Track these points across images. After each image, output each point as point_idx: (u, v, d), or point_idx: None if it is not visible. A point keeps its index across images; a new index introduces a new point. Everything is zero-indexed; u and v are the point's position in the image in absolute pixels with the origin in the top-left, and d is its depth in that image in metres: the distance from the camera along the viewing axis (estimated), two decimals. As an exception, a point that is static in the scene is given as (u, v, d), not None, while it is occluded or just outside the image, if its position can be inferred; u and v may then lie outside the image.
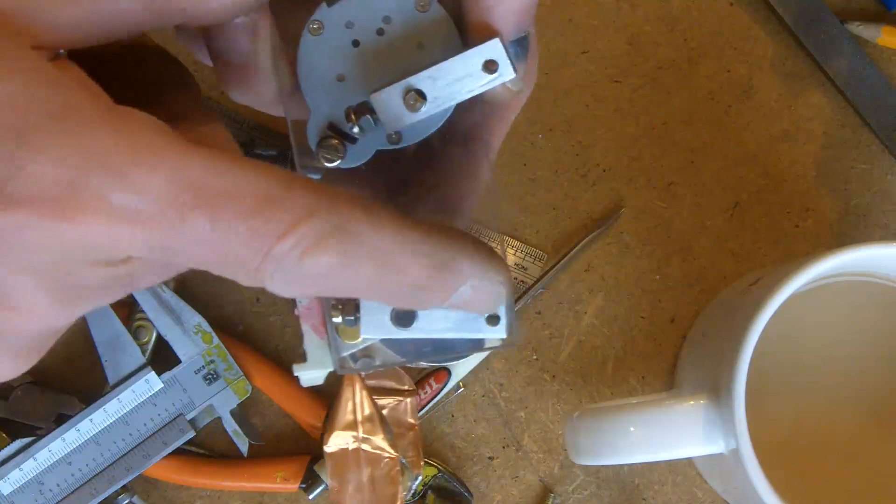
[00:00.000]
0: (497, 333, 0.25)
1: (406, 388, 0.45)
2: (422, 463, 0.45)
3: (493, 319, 0.25)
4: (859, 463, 0.42)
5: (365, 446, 0.43)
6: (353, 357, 0.27)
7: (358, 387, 0.43)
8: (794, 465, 0.40)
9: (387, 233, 0.21)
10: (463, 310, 0.23)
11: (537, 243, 0.47)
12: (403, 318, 0.25)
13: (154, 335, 0.44)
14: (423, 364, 0.45)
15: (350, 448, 0.43)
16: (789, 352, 0.42)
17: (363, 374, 0.43)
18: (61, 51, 0.20)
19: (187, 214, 0.19)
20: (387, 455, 0.43)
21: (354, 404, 0.43)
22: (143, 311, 0.44)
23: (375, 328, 0.25)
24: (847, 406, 0.43)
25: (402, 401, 0.45)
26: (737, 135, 0.48)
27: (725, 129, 0.48)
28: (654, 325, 0.47)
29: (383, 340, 0.26)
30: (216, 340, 0.45)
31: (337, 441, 0.43)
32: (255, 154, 0.45)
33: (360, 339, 0.26)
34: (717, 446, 0.36)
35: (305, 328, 0.42)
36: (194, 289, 0.46)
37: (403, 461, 0.43)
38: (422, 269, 0.21)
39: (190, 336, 0.44)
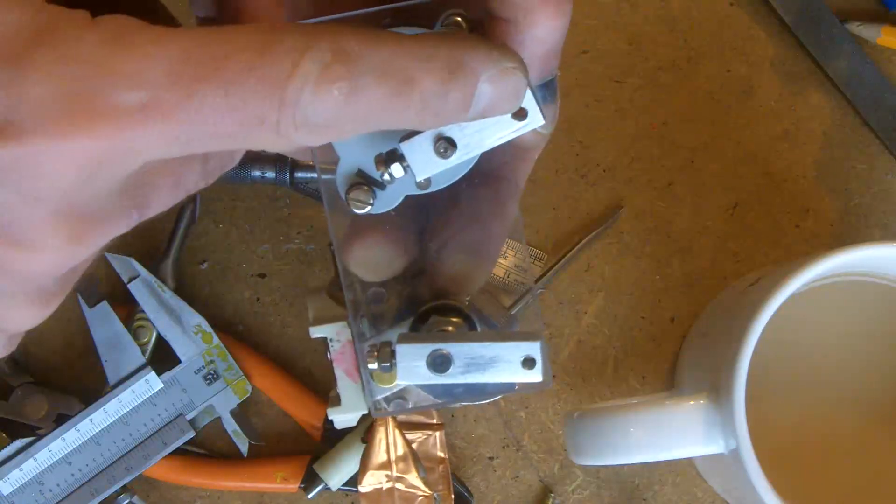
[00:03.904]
0: (533, 377, 0.24)
1: (434, 422, 0.45)
2: (452, 496, 0.44)
3: (528, 363, 0.24)
4: (859, 463, 0.42)
5: (399, 485, 0.43)
6: (387, 399, 0.27)
7: (391, 426, 0.43)
8: (794, 465, 0.40)
9: (386, 47, 0.20)
10: (489, 115, 0.22)
11: (537, 243, 0.47)
12: (439, 363, 0.24)
13: (154, 335, 0.44)
14: (456, 405, 0.45)
15: (384, 488, 0.43)
16: (789, 352, 0.42)
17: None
18: None
19: (195, 88, 0.19)
20: (420, 493, 0.43)
21: (387, 443, 0.43)
22: (143, 311, 0.44)
23: (411, 375, 0.24)
24: (847, 406, 0.43)
25: (430, 435, 0.45)
26: (737, 135, 0.48)
27: (725, 129, 0.48)
28: (654, 325, 0.47)
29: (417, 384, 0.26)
30: (216, 340, 0.44)
31: (370, 481, 0.43)
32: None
33: (393, 384, 0.26)
34: (717, 446, 0.36)
35: (339, 372, 0.42)
36: (194, 289, 0.46)
37: (437, 497, 0.43)
38: (433, 76, 0.20)
39: (190, 336, 0.44)
